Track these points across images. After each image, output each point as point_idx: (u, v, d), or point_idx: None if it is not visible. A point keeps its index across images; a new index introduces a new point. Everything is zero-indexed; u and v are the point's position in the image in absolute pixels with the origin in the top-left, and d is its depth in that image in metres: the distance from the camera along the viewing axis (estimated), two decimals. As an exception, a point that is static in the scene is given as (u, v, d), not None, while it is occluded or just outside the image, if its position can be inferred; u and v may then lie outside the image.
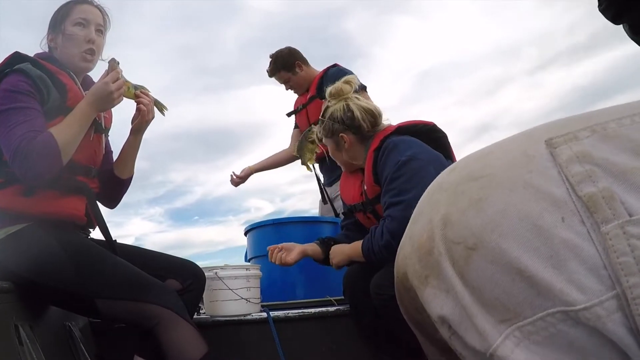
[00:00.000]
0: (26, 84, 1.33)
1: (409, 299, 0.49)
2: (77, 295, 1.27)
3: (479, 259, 0.40)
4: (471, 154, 0.49)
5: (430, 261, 0.44)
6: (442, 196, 0.46)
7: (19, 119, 1.28)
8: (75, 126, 1.34)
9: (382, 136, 1.60)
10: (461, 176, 0.45)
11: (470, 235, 0.40)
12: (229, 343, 1.72)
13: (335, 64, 2.65)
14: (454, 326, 0.42)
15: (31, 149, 1.24)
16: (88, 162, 1.46)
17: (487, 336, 0.39)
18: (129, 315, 1.27)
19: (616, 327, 0.35)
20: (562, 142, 0.40)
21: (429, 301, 0.44)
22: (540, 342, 0.37)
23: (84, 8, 1.51)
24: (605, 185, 0.37)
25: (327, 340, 1.78)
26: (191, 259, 1.60)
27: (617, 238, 0.35)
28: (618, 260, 0.35)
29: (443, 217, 0.43)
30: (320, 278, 2.17)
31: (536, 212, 0.38)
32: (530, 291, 0.37)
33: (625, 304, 0.35)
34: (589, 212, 0.37)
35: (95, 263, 1.29)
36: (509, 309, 0.38)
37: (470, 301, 0.40)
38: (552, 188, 0.38)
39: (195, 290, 1.53)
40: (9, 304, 1.19)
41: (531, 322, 0.37)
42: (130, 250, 1.52)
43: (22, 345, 1.15)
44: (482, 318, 0.40)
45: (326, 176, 2.71)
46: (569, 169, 0.38)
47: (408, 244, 0.48)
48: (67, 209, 1.38)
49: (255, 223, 2.30)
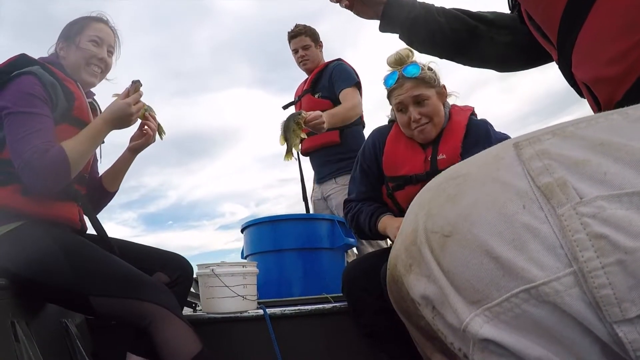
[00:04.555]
0: (40, 88, 1.33)
1: (397, 289, 0.53)
2: (71, 292, 1.27)
3: (453, 244, 0.44)
4: (454, 165, 0.54)
5: (413, 250, 0.48)
6: (428, 195, 0.51)
7: (34, 127, 1.28)
8: (88, 143, 1.36)
9: (467, 114, 1.65)
10: (444, 177, 0.51)
11: (446, 225, 0.45)
12: (225, 340, 1.72)
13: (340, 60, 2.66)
14: (435, 307, 0.46)
15: (42, 163, 1.25)
16: (83, 170, 1.48)
17: (460, 314, 0.43)
18: (122, 312, 1.28)
19: (574, 302, 0.38)
20: (527, 144, 0.45)
21: (413, 285, 0.49)
22: (508, 322, 0.41)
23: (100, 27, 1.56)
24: (559, 175, 0.42)
25: (324, 338, 1.78)
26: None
27: (570, 218, 0.40)
28: (573, 237, 0.39)
29: (426, 212, 0.49)
30: (317, 275, 2.18)
31: (501, 201, 0.43)
32: (497, 273, 0.41)
33: (582, 279, 0.38)
34: (546, 199, 0.41)
35: (89, 260, 1.30)
36: (478, 291, 0.42)
37: (445, 284, 0.45)
38: (516, 181, 0.43)
39: (184, 283, 1.55)
40: (5, 301, 1.20)
41: (498, 304, 0.41)
42: (119, 244, 1.53)
43: (19, 342, 1.15)
44: (455, 298, 0.44)
45: (317, 173, 2.70)
46: (531, 164, 0.44)
47: (399, 238, 0.53)
48: (63, 213, 1.40)
49: (251, 220, 2.31)
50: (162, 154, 11.49)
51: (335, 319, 1.79)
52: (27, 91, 1.30)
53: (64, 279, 1.26)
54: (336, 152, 2.54)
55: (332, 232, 2.24)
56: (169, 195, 19.61)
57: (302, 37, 2.69)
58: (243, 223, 2.37)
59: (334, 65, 2.59)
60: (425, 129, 1.60)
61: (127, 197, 10.27)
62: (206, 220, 18.40)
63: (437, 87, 1.61)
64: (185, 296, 1.61)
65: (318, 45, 2.72)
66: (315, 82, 2.60)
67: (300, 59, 2.70)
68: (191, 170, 15.18)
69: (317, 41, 2.71)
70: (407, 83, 1.59)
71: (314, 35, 2.70)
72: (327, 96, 2.52)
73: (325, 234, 2.24)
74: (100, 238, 1.47)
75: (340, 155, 2.53)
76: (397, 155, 1.67)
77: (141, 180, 12.25)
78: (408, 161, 1.63)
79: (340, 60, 2.64)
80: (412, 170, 1.61)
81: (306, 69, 2.71)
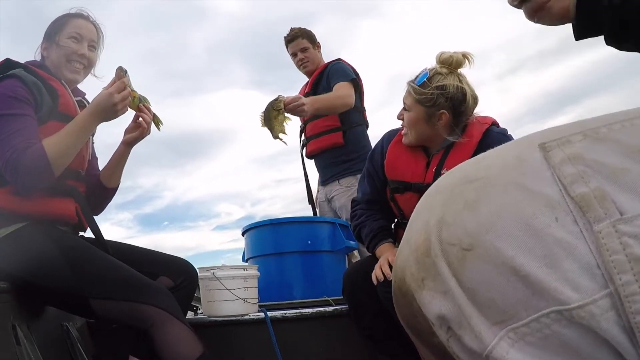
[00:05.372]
0: (22, 89, 1.34)
1: (406, 304, 0.49)
2: (72, 295, 1.27)
3: (473, 259, 0.40)
4: (467, 160, 0.49)
5: (427, 263, 0.44)
6: (438, 199, 0.46)
7: (13, 127, 1.29)
8: (71, 138, 1.34)
9: (482, 128, 1.54)
10: (457, 178, 0.46)
11: (466, 236, 0.41)
12: (227, 343, 1.72)
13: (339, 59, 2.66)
14: (452, 327, 0.42)
15: (21, 162, 1.25)
16: (77, 166, 1.48)
17: (483, 337, 0.39)
18: (123, 315, 1.28)
19: (610, 326, 0.35)
20: (555, 146, 0.41)
21: (426, 303, 0.44)
22: (535, 343, 0.37)
23: (79, 23, 1.54)
24: (596, 185, 0.37)
25: (325, 341, 1.78)
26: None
27: (609, 237, 0.36)
28: (610, 258, 0.35)
29: (439, 220, 0.44)
30: (318, 278, 2.18)
31: (530, 212, 0.38)
32: (525, 291, 0.37)
33: (619, 302, 0.35)
34: (582, 212, 0.37)
35: (90, 263, 1.30)
36: (503, 311, 0.38)
37: (465, 303, 0.40)
38: (546, 189, 0.39)
39: (188, 288, 1.54)
40: (7, 304, 1.20)
41: (525, 324, 0.37)
42: (123, 248, 1.52)
43: (20, 345, 1.15)
44: (477, 319, 0.40)
45: (321, 174, 2.70)
46: (562, 170, 0.39)
47: (406, 248, 0.48)
48: (59, 209, 1.40)
49: (252, 223, 2.31)
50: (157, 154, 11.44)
51: (336, 322, 1.79)
52: (8, 94, 1.32)
53: (64, 281, 1.26)
54: (340, 154, 2.54)
55: (333, 235, 2.24)
56: (164, 195, 19.77)
57: (299, 40, 2.68)
58: (244, 226, 2.37)
59: (331, 65, 2.59)
60: (404, 131, 1.61)
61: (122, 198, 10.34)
62: (202, 220, 18.53)
63: (428, 107, 1.52)
64: (190, 300, 1.61)
65: (316, 46, 2.71)
66: (315, 84, 2.60)
67: (300, 62, 2.70)
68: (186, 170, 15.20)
69: (314, 42, 2.71)
70: (409, 87, 1.58)
71: (310, 37, 2.69)
72: None
73: (327, 237, 2.23)
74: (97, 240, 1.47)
75: (344, 157, 2.53)
76: (398, 159, 1.66)
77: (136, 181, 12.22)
78: (410, 167, 1.62)
79: (340, 60, 2.64)
80: (414, 178, 1.60)
81: (307, 71, 2.71)
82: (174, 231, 17.76)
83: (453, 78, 1.51)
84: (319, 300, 1.99)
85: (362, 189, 1.78)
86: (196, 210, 18.42)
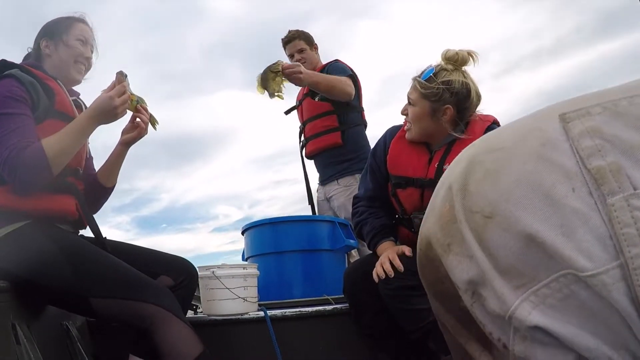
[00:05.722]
0: (19, 89, 1.34)
1: (432, 270, 0.50)
2: (72, 294, 1.27)
3: (494, 227, 0.42)
4: (490, 132, 0.51)
5: (452, 229, 0.46)
6: (461, 167, 0.48)
7: (11, 127, 1.29)
8: (70, 138, 1.35)
9: (485, 125, 1.57)
10: (479, 148, 0.48)
11: (487, 205, 0.43)
12: (226, 342, 1.72)
13: (337, 60, 2.66)
14: (477, 291, 0.44)
15: (19, 161, 1.26)
16: (76, 164, 1.48)
17: (505, 300, 0.41)
18: (123, 314, 1.28)
19: (620, 296, 0.37)
20: (575, 117, 0.42)
21: (453, 267, 0.46)
22: (555, 305, 0.39)
23: (84, 27, 1.60)
24: (613, 159, 0.39)
25: (325, 339, 1.78)
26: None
27: (621, 210, 0.37)
28: (622, 231, 0.37)
29: (462, 187, 0.46)
30: (318, 277, 2.18)
31: (548, 183, 0.40)
32: (542, 257, 0.39)
33: (628, 274, 0.36)
34: (597, 184, 0.39)
35: (90, 262, 1.30)
36: (524, 274, 0.40)
37: (488, 267, 0.42)
38: (564, 160, 0.40)
39: (188, 287, 1.55)
40: (6, 303, 1.20)
41: (546, 285, 0.39)
42: (123, 247, 1.53)
43: (20, 345, 1.15)
44: (499, 283, 0.41)
45: (321, 175, 2.71)
46: (580, 142, 0.40)
47: (431, 215, 0.51)
48: (59, 205, 1.40)
49: (252, 222, 2.31)
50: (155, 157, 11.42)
51: (336, 321, 1.79)
52: (4, 94, 1.32)
53: (64, 280, 1.26)
54: (339, 154, 2.54)
55: (332, 234, 2.24)
56: (162, 198, 19.75)
57: (296, 42, 2.69)
58: (243, 225, 2.37)
59: (330, 65, 2.60)
60: (408, 126, 1.63)
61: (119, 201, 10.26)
62: (200, 222, 18.51)
63: (434, 102, 1.54)
64: (190, 299, 1.62)
65: (313, 47, 2.72)
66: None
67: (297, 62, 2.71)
68: (184, 173, 15.19)
69: (311, 44, 2.71)
70: (415, 82, 1.60)
71: (307, 38, 2.70)
72: (327, 98, 2.53)
73: (326, 236, 2.24)
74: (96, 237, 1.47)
75: (343, 157, 2.54)
76: (401, 154, 1.67)
77: (134, 183, 12.19)
78: (412, 163, 1.63)
79: (337, 61, 2.65)
80: (416, 173, 1.61)
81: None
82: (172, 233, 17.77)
83: (458, 74, 1.54)
84: (319, 299, 1.99)
85: (365, 185, 1.79)
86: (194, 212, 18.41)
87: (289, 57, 2.75)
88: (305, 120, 2.64)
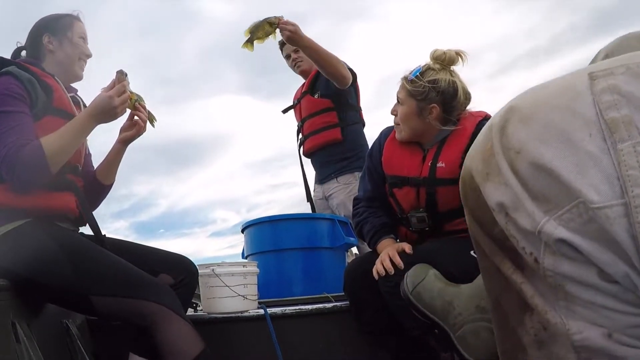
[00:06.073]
0: (17, 86, 1.34)
1: (474, 198, 0.57)
2: (73, 292, 1.27)
3: (523, 160, 0.50)
4: (533, 86, 0.58)
5: (491, 162, 0.54)
6: (502, 112, 0.56)
7: (9, 124, 1.29)
8: (69, 137, 1.35)
9: (476, 120, 1.58)
10: (520, 98, 0.56)
11: (518, 142, 0.51)
12: (226, 340, 1.72)
13: None
14: (509, 212, 0.51)
15: (18, 159, 1.25)
16: (75, 161, 1.48)
17: (535, 217, 0.49)
18: (124, 312, 1.28)
19: (620, 230, 0.43)
20: (600, 76, 0.49)
21: (489, 193, 0.54)
22: (578, 229, 0.46)
23: (82, 26, 1.64)
24: (626, 112, 0.45)
25: (325, 337, 1.78)
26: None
27: (629, 155, 0.44)
28: (627, 172, 0.43)
29: (500, 128, 0.54)
30: (318, 275, 2.18)
31: (570, 128, 0.48)
32: (562, 187, 0.47)
33: (630, 212, 0.43)
34: (611, 132, 0.45)
35: (90, 260, 1.30)
36: (550, 201, 0.48)
37: (520, 191, 0.50)
38: (586, 111, 0.47)
39: (188, 285, 1.55)
40: (6, 302, 1.20)
41: (568, 210, 0.46)
42: (123, 245, 1.53)
43: (19, 343, 1.15)
44: (530, 204, 0.49)
45: (319, 173, 2.70)
46: (601, 97, 0.47)
47: (474, 151, 0.59)
48: (59, 202, 1.40)
49: (252, 220, 2.31)
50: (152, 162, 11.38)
51: (336, 318, 1.79)
52: (2, 92, 1.32)
53: (65, 279, 1.26)
54: (338, 152, 2.54)
55: (332, 232, 2.24)
56: (159, 203, 19.81)
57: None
58: (243, 223, 2.37)
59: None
60: (397, 126, 1.66)
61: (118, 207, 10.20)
62: (198, 227, 18.54)
63: (420, 100, 1.56)
64: (190, 297, 1.61)
65: None
66: (313, 83, 2.60)
67: (293, 62, 2.70)
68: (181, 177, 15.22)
69: None
70: (403, 81, 1.63)
71: None
72: (326, 94, 2.52)
73: (326, 234, 2.24)
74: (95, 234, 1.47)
75: (342, 155, 2.53)
76: (394, 154, 1.69)
77: (131, 189, 12.17)
78: (406, 162, 1.64)
79: None
80: (410, 172, 1.62)
81: (301, 71, 2.70)
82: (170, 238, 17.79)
83: (445, 73, 1.56)
84: (319, 296, 1.99)
85: (364, 186, 1.81)
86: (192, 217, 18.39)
87: (285, 57, 2.76)
88: (303, 118, 2.63)
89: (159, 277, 1.44)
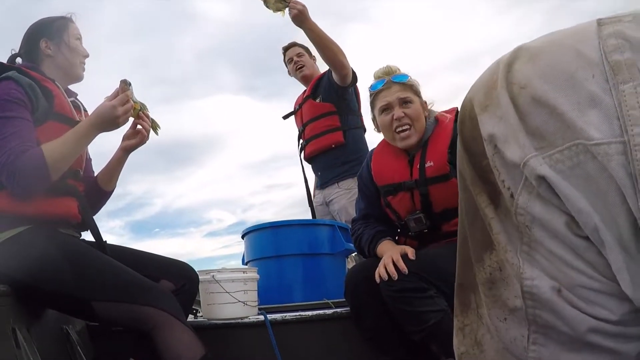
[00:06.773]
0: (18, 92, 1.34)
1: (470, 127, 0.58)
2: (74, 298, 1.27)
3: (526, 95, 0.51)
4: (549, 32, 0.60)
5: (492, 94, 0.55)
6: (512, 50, 0.57)
7: (9, 130, 1.29)
8: (70, 144, 1.35)
9: (452, 116, 1.66)
10: (533, 40, 0.57)
11: (523, 78, 0.52)
12: (226, 346, 1.72)
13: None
14: (498, 144, 0.53)
15: (18, 165, 1.25)
16: (76, 166, 1.48)
17: (525, 149, 0.49)
18: (125, 318, 1.27)
19: (618, 167, 0.44)
20: (608, 22, 0.51)
21: (485, 122, 0.55)
22: (564, 171, 0.47)
23: (76, 27, 1.63)
24: (629, 56, 0.47)
25: (325, 343, 1.78)
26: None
27: (630, 95, 0.45)
28: (628, 112, 0.45)
29: (507, 64, 0.55)
30: (318, 281, 2.17)
31: (574, 67, 0.49)
32: (561, 125, 0.48)
33: (629, 150, 0.44)
34: (614, 74, 0.47)
35: (92, 266, 1.30)
36: (545, 138, 0.48)
37: (517, 124, 0.51)
38: (591, 53, 0.49)
39: (189, 291, 1.54)
40: (7, 307, 1.20)
41: (559, 151, 0.47)
42: (124, 251, 1.52)
43: (19, 348, 1.15)
44: (524, 137, 0.50)
45: (319, 178, 2.70)
46: (606, 41, 0.49)
47: (478, 82, 0.60)
48: (61, 208, 1.40)
49: (252, 226, 2.31)
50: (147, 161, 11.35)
51: (337, 325, 1.79)
52: (2, 97, 1.32)
53: (66, 285, 1.26)
54: (339, 155, 2.54)
55: (332, 238, 2.24)
56: (155, 202, 19.79)
57: (295, 48, 2.76)
58: (244, 229, 2.37)
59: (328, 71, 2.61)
60: (406, 131, 1.64)
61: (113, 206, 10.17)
62: (193, 227, 18.52)
63: (421, 98, 1.69)
64: (191, 303, 1.61)
65: (312, 57, 2.77)
66: (315, 88, 2.62)
67: (295, 65, 2.73)
68: (177, 177, 15.22)
69: (310, 53, 2.77)
70: (395, 86, 1.66)
71: (307, 48, 2.76)
72: (328, 98, 2.54)
73: (326, 240, 2.24)
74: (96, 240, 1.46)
75: (343, 159, 2.54)
76: (383, 165, 1.73)
77: (127, 188, 12.14)
78: (396, 169, 1.68)
79: None
80: (402, 178, 1.65)
81: (303, 75, 2.72)
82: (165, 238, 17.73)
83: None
84: (319, 302, 1.99)
85: (358, 207, 1.86)
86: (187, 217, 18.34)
87: (287, 62, 2.80)
88: (305, 122, 2.64)
89: (159, 284, 1.44)
